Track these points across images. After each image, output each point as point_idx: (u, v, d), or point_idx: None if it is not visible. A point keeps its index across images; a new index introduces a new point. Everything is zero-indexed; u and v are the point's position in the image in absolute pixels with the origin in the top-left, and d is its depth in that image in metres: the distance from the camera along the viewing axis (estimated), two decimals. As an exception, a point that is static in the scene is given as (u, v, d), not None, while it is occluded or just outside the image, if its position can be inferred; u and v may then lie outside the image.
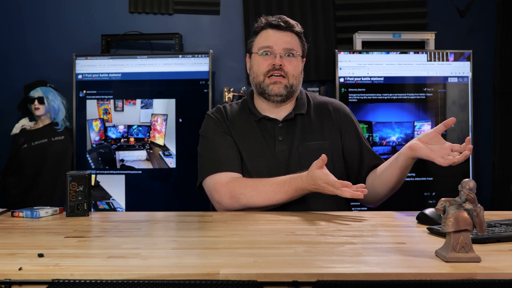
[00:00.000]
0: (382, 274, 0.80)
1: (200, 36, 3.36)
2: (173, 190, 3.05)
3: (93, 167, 3.06)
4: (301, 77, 1.64)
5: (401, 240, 1.07)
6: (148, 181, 3.05)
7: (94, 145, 3.08)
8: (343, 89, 3.03)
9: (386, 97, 3.05)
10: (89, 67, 3.11)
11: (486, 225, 0.92)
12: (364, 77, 3.04)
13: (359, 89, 3.03)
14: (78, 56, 3.10)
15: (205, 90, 3.04)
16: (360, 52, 3.06)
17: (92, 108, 3.09)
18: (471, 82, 3.07)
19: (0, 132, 3.26)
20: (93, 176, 3.01)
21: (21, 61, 3.33)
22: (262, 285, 0.79)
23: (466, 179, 0.88)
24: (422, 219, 1.24)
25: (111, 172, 3.06)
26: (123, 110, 3.08)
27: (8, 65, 3.34)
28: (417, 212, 1.29)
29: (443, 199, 0.89)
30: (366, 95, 3.04)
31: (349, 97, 3.02)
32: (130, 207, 3.05)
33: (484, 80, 3.28)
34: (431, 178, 3.03)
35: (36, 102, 2.98)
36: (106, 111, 3.08)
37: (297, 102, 1.66)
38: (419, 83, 3.06)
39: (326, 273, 0.80)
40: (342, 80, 3.03)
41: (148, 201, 3.05)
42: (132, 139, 3.07)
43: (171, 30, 3.29)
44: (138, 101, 3.07)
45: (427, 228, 1.16)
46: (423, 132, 1.45)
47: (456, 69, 3.06)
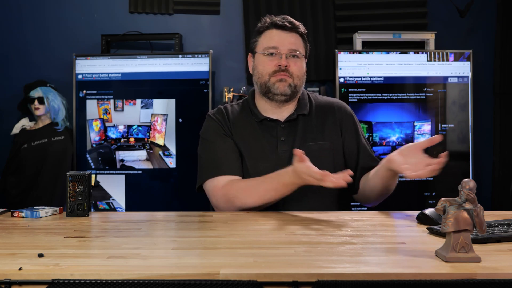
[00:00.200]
0: (382, 274, 0.80)
1: (200, 36, 3.36)
2: (173, 190, 3.05)
3: (93, 167, 3.06)
4: (304, 78, 1.64)
5: (401, 240, 1.07)
6: (148, 181, 3.05)
7: (94, 145, 3.08)
8: (343, 89, 3.03)
9: (386, 97, 3.05)
10: (89, 67, 3.11)
11: (486, 225, 0.92)
12: (364, 77, 3.04)
13: (359, 89, 3.03)
14: (78, 56, 3.10)
15: (205, 90, 3.04)
16: (360, 52, 3.06)
17: (92, 108, 3.09)
18: (471, 82, 3.07)
19: (0, 132, 3.26)
20: (93, 176, 3.01)
21: (21, 61, 3.33)
22: (262, 285, 0.79)
23: (466, 179, 0.88)
24: (422, 219, 1.24)
25: (111, 172, 3.06)
26: (123, 110, 3.08)
27: (8, 65, 3.34)
28: (417, 212, 1.29)
29: (443, 199, 0.89)
30: (366, 95, 3.04)
31: (349, 97, 3.02)
32: (130, 207, 3.05)
33: (484, 80, 3.28)
34: (431, 178, 3.03)
35: (36, 102, 2.98)
36: (106, 111, 3.08)
37: (299, 102, 1.65)
38: (419, 83, 3.06)
39: (326, 273, 0.80)
40: (342, 80, 3.03)
41: (148, 201, 3.05)
42: (132, 139, 3.07)
43: (171, 30, 3.29)
44: (138, 101, 3.07)
45: (427, 228, 1.15)
46: (407, 144, 1.43)
47: (456, 69, 3.06)
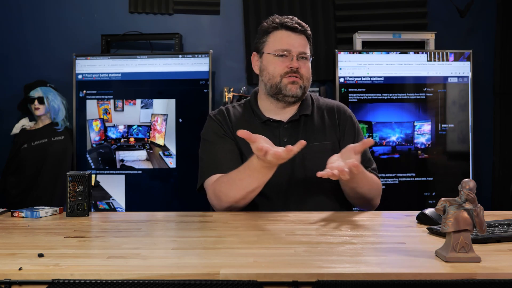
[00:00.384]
0: (382, 274, 0.80)
1: (200, 36, 3.36)
2: (173, 190, 3.05)
3: (93, 167, 3.06)
4: (311, 79, 1.64)
5: (401, 240, 1.07)
6: (148, 181, 3.05)
7: (94, 145, 3.08)
8: (343, 89, 3.03)
9: (386, 97, 3.05)
10: (89, 67, 3.11)
11: (486, 225, 0.92)
12: (364, 77, 3.04)
13: (359, 89, 3.03)
14: (78, 56, 3.10)
15: (205, 90, 3.04)
16: (360, 52, 3.06)
17: (92, 108, 3.09)
18: (471, 82, 3.07)
19: (0, 132, 3.26)
20: (93, 176, 3.01)
21: (21, 61, 3.33)
22: (262, 285, 0.79)
23: (466, 179, 0.88)
24: (422, 219, 1.24)
25: (111, 172, 3.06)
26: (123, 110, 3.08)
27: (8, 65, 3.34)
28: (417, 212, 1.29)
29: (443, 199, 0.89)
30: (366, 95, 3.04)
31: (349, 97, 3.02)
32: (130, 207, 3.06)
33: (484, 80, 3.28)
34: (431, 178, 3.03)
35: (36, 102, 2.98)
36: (106, 111, 3.08)
37: (302, 103, 1.65)
38: (419, 83, 3.06)
39: (326, 273, 0.80)
40: (342, 80, 3.03)
41: (148, 201, 3.06)
42: (132, 139, 3.07)
43: (171, 30, 3.29)
44: (138, 101, 3.07)
45: (427, 228, 1.15)
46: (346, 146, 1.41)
47: (456, 69, 3.06)
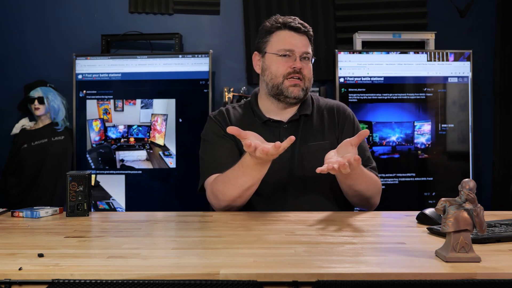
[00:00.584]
0: (382, 274, 0.80)
1: (200, 36, 3.36)
2: (173, 190, 3.05)
3: (93, 167, 3.06)
4: (312, 80, 1.64)
5: (401, 240, 1.07)
6: (148, 181, 3.05)
7: (94, 145, 3.08)
8: (343, 89, 3.03)
9: (386, 97, 3.05)
10: (89, 67, 3.11)
11: (486, 225, 0.92)
12: (364, 77, 3.04)
13: (359, 89, 3.03)
14: (78, 56, 3.10)
15: (205, 90, 3.04)
16: (360, 52, 3.06)
17: (92, 108, 3.09)
18: (471, 82, 3.07)
19: (0, 132, 3.26)
20: (93, 176, 3.01)
21: (21, 61, 3.33)
22: (262, 285, 0.79)
23: (466, 179, 0.88)
24: (422, 219, 1.24)
25: (111, 172, 3.06)
26: (123, 110, 3.08)
27: (8, 65, 3.34)
28: (417, 212, 1.29)
29: (443, 199, 0.89)
30: (366, 95, 3.04)
31: (349, 97, 3.02)
32: (130, 207, 3.06)
33: (484, 80, 3.28)
34: (431, 178, 3.03)
35: (36, 102, 2.98)
36: (106, 111, 3.08)
37: (303, 103, 1.65)
38: (419, 83, 3.06)
39: (326, 273, 0.80)
40: (342, 80, 3.03)
41: (148, 201, 3.06)
42: (132, 139, 3.07)
43: (171, 30, 3.29)
44: (138, 101, 3.07)
45: (427, 228, 1.16)
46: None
47: (456, 69, 3.06)
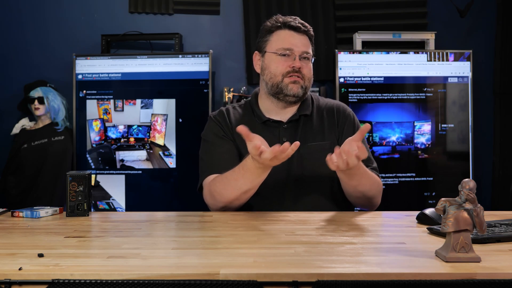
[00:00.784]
0: (382, 274, 0.80)
1: (200, 36, 3.36)
2: (173, 190, 3.05)
3: (93, 167, 3.06)
4: (312, 80, 1.64)
5: (401, 240, 1.07)
6: (148, 181, 3.05)
7: (94, 145, 3.08)
8: (343, 89, 3.03)
9: (386, 97, 3.05)
10: (89, 67, 3.11)
11: (486, 225, 0.92)
12: (364, 77, 3.04)
13: (359, 89, 3.03)
14: (78, 56, 3.10)
15: (205, 90, 3.04)
16: (360, 52, 3.06)
17: (92, 108, 3.09)
18: (471, 82, 3.07)
19: (0, 132, 3.26)
20: (93, 176, 3.01)
21: (21, 61, 3.33)
22: (262, 285, 0.79)
23: (466, 179, 0.88)
24: (422, 219, 1.24)
25: (111, 172, 3.06)
26: (123, 110, 3.08)
27: (8, 65, 3.34)
28: (417, 212, 1.29)
29: (443, 199, 0.89)
30: (366, 95, 3.04)
31: (349, 97, 3.02)
32: (130, 207, 3.05)
33: (484, 80, 3.28)
34: (431, 178, 3.03)
35: (36, 102, 2.98)
36: (106, 111, 3.08)
37: (302, 103, 1.65)
38: (419, 83, 3.06)
39: (326, 273, 0.80)
40: (342, 80, 3.03)
41: (148, 201, 3.05)
42: (132, 139, 3.07)
43: (171, 30, 3.29)
44: (138, 101, 3.07)
45: (427, 228, 1.16)
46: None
47: (456, 69, 3.06)
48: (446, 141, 3.04)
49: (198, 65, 3.06)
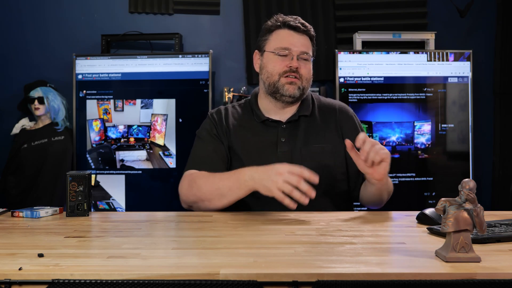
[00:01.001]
0: (382, 274, 0.80)
1: (200, 36, 3.36)
2: (173, 190, 3.04)
3: (93, 167, 3.06)
4: (311, 81, 1.63)
5: (401, 240, 1.07)
6: (148, 181, 3.05)
7: (94, 145, 3.08)
8: (343, 89, 3.03)
9: (386, 97, 3.05)
10: (89, 67, 3.11)
11: (486, 225, 0.92)
12: (364, 77, 3.04)
13: (359, 89, 3.03)
14: (78, 56, 3.10)
15: (205, 90, 3.04)
16: (360, 52, 3.06)
17: (92, 108, 3.09)
18: (471, 82, 3.07)
19: (0, 132, 3.26)
20: (93, 176, 3.01)
21: (21, 61, 3.33)
22: (262, 285, 0.79)
23: (466, 179, 0.88)
24: (422, 219, 1.24)
25: (111, 172, 3.06)
26: (123, 110, 3.08)
27: (8, 65, 3.34)
28: (417, 212, 1.29)
29: (443, 199, 0.89)
30: (366, 95, 3.04)
31: (349, 97, 3.02)
32: (130, 207, 3.05)
33: (484, 80, 3.28)
34: (431, 178, 3.03)
35: (36, 102, 2.98)
36: (106, 111, 3.08)
37: (302, 103, 1.64)
38: (419, 83, 3.06)
39: (326, 273, 0.80)
40: (342, 80, 3.03)
41: (148, 201, 3.05)
42: (132, 139, 3.07)
43: (171, 30, 3.29)
44: (138, 101, 3.07)
45: (427, 228, 1.15)
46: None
47: (456, 69, 3.06)
48: (446, 141, 3.04)
49: (198, 65, 3.06)
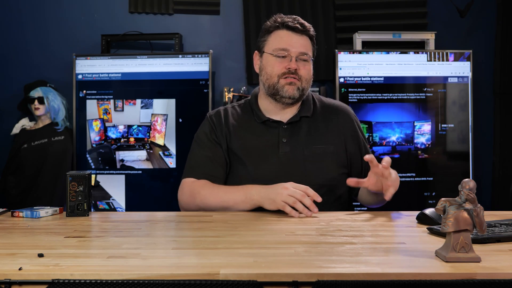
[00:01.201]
0: (382, 274, 0.80)
1: (200, 36, 3.36)
2: (173, 190, 3.02)
3: (93, 167, 3.06)
4: (311, 81, 1.62)
5: (401, 240, 1.07)
6: (148, 181, 3.05)
7: (94, 145, 3.08)
8: (343, 89, 3.03)
9: (386, 97, 3.05)
10: (89, 67, 3.11)
11: (486, 225, 0.92)
12: (364, 77, 3.04)
13: (359, 89, 3.03)
14: (78, 56, 3.10)
15: (205, 90, 3.04)
16: (360, 52, 3.06)
17: (92, 108, 3.09)
18: (471, 82, 3.07)
19: (0, 132, 3.26)
20: (93, 176, 3.00)
21: (21, 61, 3.33)
22: (262, 285, 0.79)
23: (466, 179, 0.88)
24: (422, 219, 1.24)
25: (111, 172, 3.06)
26: (123, 110, 3.08)
27: (8, 65, 3.34)
28: (417, 212, 1.29)
29: (443, 199, 0.89)
30: (366, 95, 3.04)
31: (349, 97, 3.02)
32: (130, 207, 3.05)
33: (484, 80, 3.28)
34: (431, 178, 3.03)
35: (36, 102, 2.98)
36: (106, 111, 3.08)
37: (303, 104, 1.64)
38: (419, 83, 3.06)
39: (326, 273, 0.80)
40: (342, 80, 3.03)
41: (148, 201, 3.05)
42: (132, 139, 3.07)
43: (171, 30, 3.29)
44: (138, 101, 3.07)
45: (427, 228, 1.15)
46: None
47: (456, 69, 3.06)
48: (446, 141, 3.04)
49: (198, 65, 3.06)
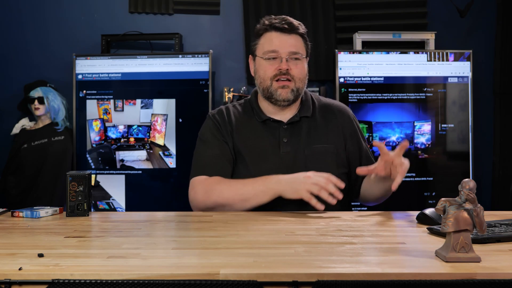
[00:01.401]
0: (382, 274, 0.80)
1: (200, 36, 3.36)
2: (173, 190, 3.05)
3: (93, 167, 3.06)
4: (306, 79, 1.62)
5: (401, 240, 1.07)
6: (148, 181, 3.05)
7: (94, 145, 3.08)
8: (343, 89, 3.03)
9: (386, 97, 3.05)
10: (89, 67, 3.11)
11: (486, 225, 0.92)
12: (364, 77, 3.04)
13: (359, 89, 3.03)
14: (78, 56, 3.10)
15: (205, 90, 3.04)
16: (360, 52, 3.06)
17: (92, 108, 3.09)
18: (471, 82, 3.07)
19: (0, 132, 3.26)
20: (93, 176, 3.01)
21: (21, 61, 3.33)
22: (262, 285, 0.79)
23: (466, 179, 0.88)
24: (422, 219, 1.24)
25: (111, 172, 3.06)
26: (123, 110, 3.08)
27: (8, 65, 3.34)
28: (417, 212, 1.29)
29: (443, 199, 0.89)
30: (366, 95, 3.04)
31: (349, 97, 3.02)
32: (130, 207, 3.05)
33: (484, 80, 3.28)
34: (431, 178, 3.03)
35: (36, 102, 2.98)
36: (106, 111, 3.08)
37: (302, 104, 1.64)
38: (419, 83, 3.06)
39: (326, 273, 0.80)
40: (342, 80, 3.03)
41: (148, 201, 3.05)
42: (132, 139, 3.07)
43: (171, 30, 3.29)
44: (138, 101, 3.07)
45: (427, 228, 1.15)
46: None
47: (456, 69, 3.06)
48: (446, 141, 3.04)
49: (198, 65, 3.06)
